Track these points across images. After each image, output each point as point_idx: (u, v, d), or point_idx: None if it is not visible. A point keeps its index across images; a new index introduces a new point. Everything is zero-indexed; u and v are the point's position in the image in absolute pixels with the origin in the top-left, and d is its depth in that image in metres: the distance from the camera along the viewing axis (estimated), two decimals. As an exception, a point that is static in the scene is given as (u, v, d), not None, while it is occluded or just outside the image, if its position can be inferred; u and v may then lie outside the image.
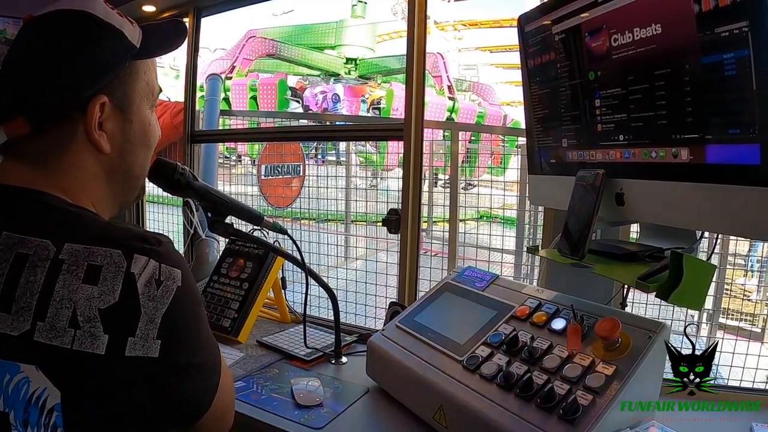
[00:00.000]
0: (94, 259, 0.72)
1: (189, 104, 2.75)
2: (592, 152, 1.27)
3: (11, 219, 0.76)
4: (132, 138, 0.90)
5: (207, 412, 0.83)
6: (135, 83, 0.89)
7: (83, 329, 0.69)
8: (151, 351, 0.72)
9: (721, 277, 2.62)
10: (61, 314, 0.69)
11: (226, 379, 0.88)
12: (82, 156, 0.85)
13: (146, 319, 0.72)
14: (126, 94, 0.87)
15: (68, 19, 0.83)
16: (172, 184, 1.25)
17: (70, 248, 0.72)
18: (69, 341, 0.69)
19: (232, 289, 1.88)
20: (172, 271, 0.76)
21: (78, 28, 0.83)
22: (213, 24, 3.05)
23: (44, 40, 0.83)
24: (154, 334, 0.72)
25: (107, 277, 0.71)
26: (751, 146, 0.89)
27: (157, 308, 0.73)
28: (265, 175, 3.69)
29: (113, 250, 0.73)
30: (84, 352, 0.69)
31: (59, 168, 0.83)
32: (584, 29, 1.20)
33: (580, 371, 1.06)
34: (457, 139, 3.31)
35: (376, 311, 3.15)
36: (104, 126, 0.85)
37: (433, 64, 11.30)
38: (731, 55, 0.89)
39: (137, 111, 0.90)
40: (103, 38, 0.84)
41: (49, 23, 0.84)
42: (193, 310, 0.80)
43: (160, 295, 0.74)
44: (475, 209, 3.62)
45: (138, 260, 0.73)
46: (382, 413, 1.36)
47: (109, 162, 0.88)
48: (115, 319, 0.71)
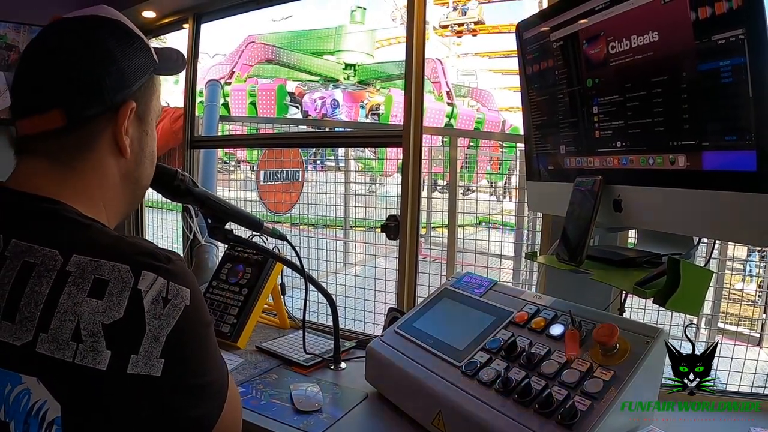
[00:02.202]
0: (101, 273, 0.71)
1: (188, 110, 2.75)
2: (590, 159, 1.27)
3: (22, 227, 0.76)
4: (145, 148, 0.92)
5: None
6: (153, 96, 0.92)
7: (86, 343, 0.68)
8: (153, 370, 0.71)
9: (720, 282, 2.62)
10: (64, 327, 0.69)
11: (233, 398, 0.86)
12: (105, 158, 0.86)
13: (150, 337, 0.71)
14: (146, 105, 0.91)
15: (108, 23, 0.86)
16: (172, 190, 1.26)
17: (77, 260, 0.72)
18: (71, 355, 0.68)
19: (232, 295, 1.88)
20: (180, 290, 0.75)
21: (120, 34, 0.86)
22: (212, 30, 3.05)
23: (87, 38, 0.84)
24: (158, 353, 0.71)
25: (113, 292, 0.71)
26: (747, 153, 0.90)
27: (162, 327, 0.72)
28: (264, 181, 3.70)
29: (121, 264, 0.72)
30: (85, 367, 0.68)
31: (82, 168, 0.84)
32: (582, 36, 1.21)
33: (578, 377, 1.06)
34: (456, 144, 3.32)
35: (375, 317, 3.15)
36: (128, 131, 0.87)
37: (432, 70, 11.34)
38: (728, 62, 0.90)
39: (151, 123, 0.93)
40: (139, 47, 0.88)
41: (87, 24, 0.86)
42: (200, 331, 0.78)
43: (167, 314, 0.73)
44: (473, 215, 3.63)
45: (146, 277, 0.73)
46: (381, 419, 1.36)
47: (126, 168, 0.89)
48: (118, 336, 0.70)
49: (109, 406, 0.70)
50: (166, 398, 0.73)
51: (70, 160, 0.83)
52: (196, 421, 0.78)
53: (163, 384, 0.72)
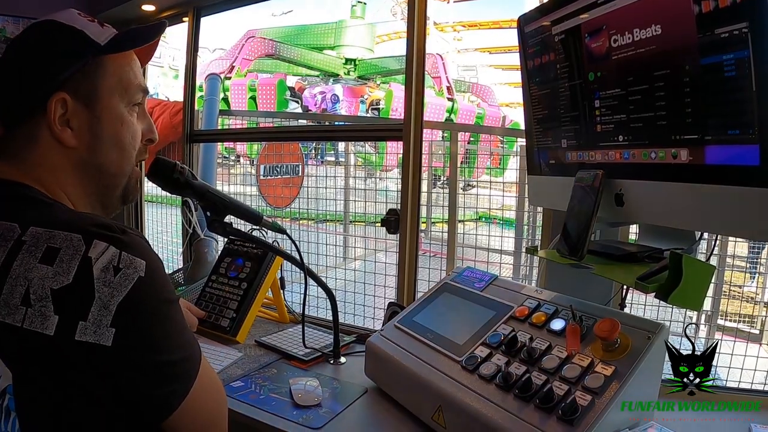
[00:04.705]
0: (54, 241, 0.73)
1: (188, 104, 2.75)
2: (591, 153, 1.27)
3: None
4: (101, 134, 0.91)
5: (172, 417, 0.78)
6: (102, 79, 0.91)
7: (34, 308, 0.69)
8: (103, 339, 0.70)
9: (720, 279, 2.62)
10: (15, 291, 0.70)
11: (206, 384, 0.84)
12: (50, 150, 0.88)
13: (100, 305, 0.70)
14: (92, 89, 0.90)
15: (33, 28, 0.90)
16: (171, 183, 1.25)
17: (33, 231, 0.74)
18: (20, 319, 0.69)
19: (231, 289, 1.88)
20: (134, 260, 0.74)
21: (36, 33, 0.90)
22: (212, 24, 3.05)
23: (13, 50, 0.90)
24: (108, 322, 0.70)
25: (63, 259, 0.71)
26: (750, 147, 0.89)
27: (112, 295, 0.71)
28: (264, 175, 3.69)
29: (74, 234, 0.73)
30: (33, 332, 0.68)
31: (32, 161, 0.87)
32: (584, 30, 1.21)
33: (579, 372, 1.06)
34: (456, 139, 3.31)
35: (374, 311, 3.15)
36: (71, 122, 0.88)
37: (433, 65, 11.30)
38: (731, 56, 0.89)
39: (106, 107, 0.92)
40: (58, 38, 0.89)
41: (20, 35, 0.91)
42: (158, 306, 0.77)
43: (117, 282, 0.72)
44: (473, 210, 3.62)
45: (97, 245, 0.73)
46: (381, 413, 1.36)
47: (77, 157, 0.90)
48: (66, 301, 0.70)
49: (58, 375, 0.70)
50: (117, 371, 0.72)
51: (22, 154, 0.87)
52: (151, 400, 0.76)
53: (115, 355, 0.71)
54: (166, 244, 4.05)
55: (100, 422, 0.74)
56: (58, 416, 0.71)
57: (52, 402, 0.71)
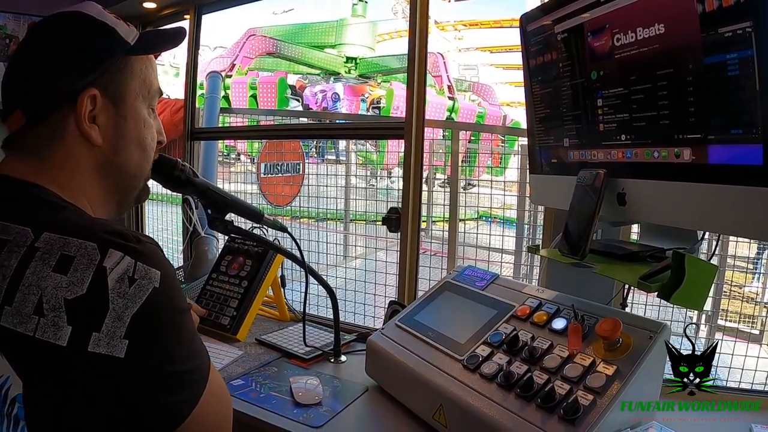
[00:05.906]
0: (68, 249, 0.71)
1: (189, 102, 2.75)
2: (593, 152, 1.27)
3: (1, 208, 0.77)
4: (125, 134, 0.91)
5: (183, 426, 0.77)
6: (129, 79, 0.91)
7: (47, 317, 0.68)
8: (116, 350, 0.69)
9: (721, 279, 2.62)
10: (27, 300, 0.68)
11: (216, 393, 0.83)
12: (75, 148, 0.86)
13: (114, 316, 0.69)
14: (120, 89, 0.89)
15: (63, 18, 0.88)
16: (173, 181, 1.25)
17: (47, 237, 0.72)
18: (32, 328, 0.67)
19: (231, 287, 1.87)
20: (149, 271, 0.73)
21: (70, 25, 0.88)
22: (213, 22, 3.05)
23: (40, 38, 0.88)
24: (122, 333, 0.69)
25: (78, 268, 0.70)
26: (753, 147, 0.89)
27: (127, 306, 0.70)
28: (265, 174, 3.69)
29: (88, 242, 0.72)
30: (46, 342, 0.67)
31: (52, 159, 0.85)
32: (587, 29, 1.20)
33: (581, 371, 1.06)
34: (457, 138, 3.31)
35: (375, 310, 3.16)
36: (97, 119, 0.87)
37: (434, 64, 11.29)
38: (734, 55, 0.89)
39: (131, 107, 0.92)
40: (93, 33, 0.88)
41: (46, 23, 0.89)
42: (171, 316, 0.76)
43: (132, 294, 0.71)
44: (474, 209, 3.62)
45: (112, 255, 0.72)
46: (382, 412, 1.36)
47: (101, 156, 0.89)
48: (80, 312, 0.69)
49: (69, 385, 0.69)
50: (129, 382, 0.71)
51: (42, 151, 0.85)
52: (163, 410, 0.75)
53: (127, 366, 0.70)
54: (167, 242, 4.04)
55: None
56: (68, 427, 0.71)
57: (61, 412, 0.70)
